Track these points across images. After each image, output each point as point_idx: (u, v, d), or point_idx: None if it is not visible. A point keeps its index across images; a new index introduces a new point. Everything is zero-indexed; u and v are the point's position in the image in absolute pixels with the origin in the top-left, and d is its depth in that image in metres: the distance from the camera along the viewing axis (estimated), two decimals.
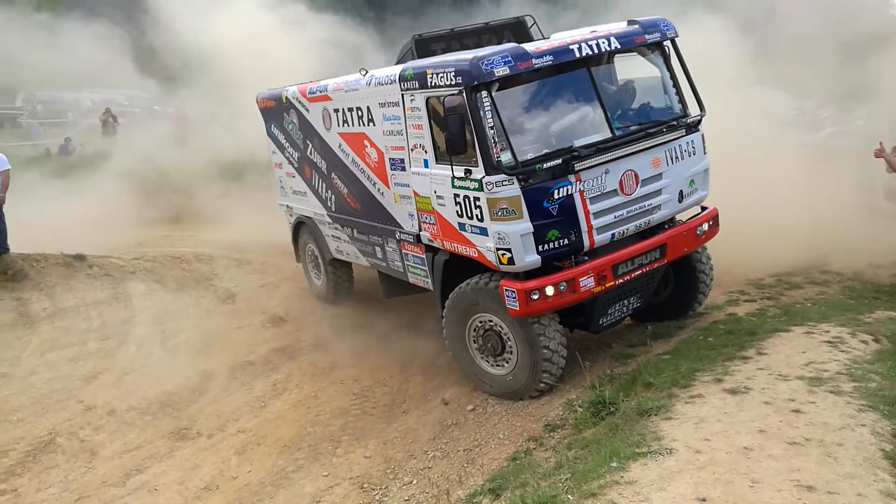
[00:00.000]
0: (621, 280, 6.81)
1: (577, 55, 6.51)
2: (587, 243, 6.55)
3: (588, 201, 6.47)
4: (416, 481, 6.24)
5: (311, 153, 9.55)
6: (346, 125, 8.49)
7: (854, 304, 8.34)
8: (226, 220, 15.90)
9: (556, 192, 6.33)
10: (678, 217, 7.47)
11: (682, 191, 7.15)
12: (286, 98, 9.76)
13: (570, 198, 6.38)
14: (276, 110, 10.20)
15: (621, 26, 7.04)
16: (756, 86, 12.60)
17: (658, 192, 6.96)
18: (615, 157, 6.57)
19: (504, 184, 6.23)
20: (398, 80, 7.14)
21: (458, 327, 7.30)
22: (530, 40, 8.04)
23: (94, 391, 8.39)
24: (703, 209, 7.60)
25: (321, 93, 8.88)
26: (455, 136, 6.32)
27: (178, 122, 23.16)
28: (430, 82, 6.67)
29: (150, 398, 8.18)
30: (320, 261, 10.52)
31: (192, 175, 18.11)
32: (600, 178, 6.52)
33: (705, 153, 7.35)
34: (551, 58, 6.38)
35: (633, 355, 7.19)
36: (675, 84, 7.19)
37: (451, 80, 6.39)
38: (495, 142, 6.21)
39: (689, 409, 5.36)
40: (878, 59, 11.65)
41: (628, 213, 6.76)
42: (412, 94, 7.01)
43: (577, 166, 6.36)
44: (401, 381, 8.16)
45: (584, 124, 6.72)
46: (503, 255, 6.42)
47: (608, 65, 7.17)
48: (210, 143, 18.45)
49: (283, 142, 10.28)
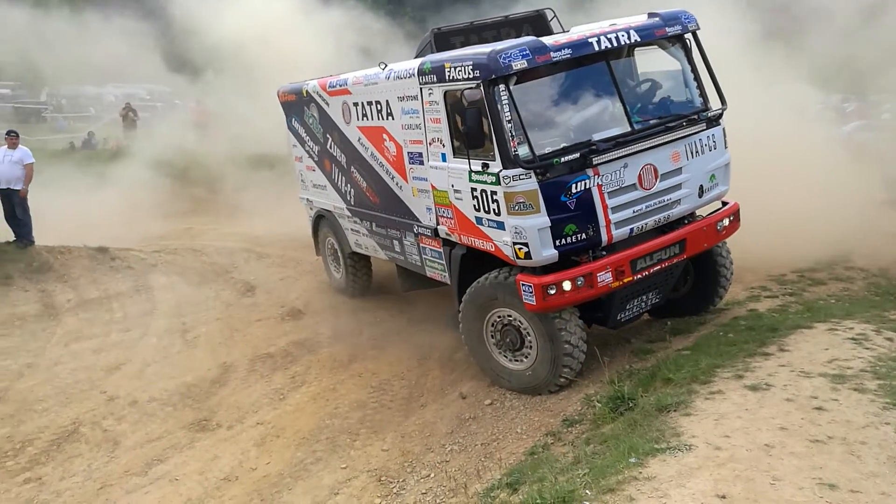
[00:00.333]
0: (640, 275, 6.75)
1: (596, 48, 6.45)
2: (605, 238, 6.50)
3: (606, 196, 6.42)
4: (433, 475, 6.25)
5: (330, 147, 9.58)
6: (365, 119, 8.50)
7: (879, 300, 8.23)
8: (246, 213, 16.06)
9: (573, 186, 6.28)
10: (698, 212, 7.39)
11: (702, 185, 7.07)
12: (306, 92, 9.78)
13: (587, 192, 6.34)
14: (296, 104, 10.23)
15: (641, 19, 6.96)
16: (781, 79, 12.46)
17: (678, 187, 6.89)
18: (634, 151, 6.51)
19: (521, 178, 6.20)
20: (417, 74, 7.13)
21: (476, 322, 7.28)
22: (550, 33, 7.99)
23: (117, 382, 8.51)
24: (724, 204, 7.51)
25: (341, 87, 8.89)
26: (473, 130, 6.30)
27: (198, 115, 23.36)
28: (449, 76, 6.65)
29: (170, 389, 8.28)
30: (340, 254, 10.56)
31: (213, 168, 18.28)
32: (619, 172, 6.46)
33: (726, 147, 7.26)
34: (570, 51, 6.33)
35: (652, 351, 7.14)
36: (696, 77, 7.11)
37: (469, 73, 6.37)
38: (513, 135, 6.18)
39: (709, 405, 5.32)
40: None
41: (647, 207, 6.70)
42: (430, 88, 6.99)
43: (596, 160, 6.31)
44: (419, 374, 8.17)
45: (603, 118, 6.67)
46: (520, 249, 6.38)
47: (628, 58, 7.10)
48: (230, 137, 18.61)
49: (304, 135, 10.31)
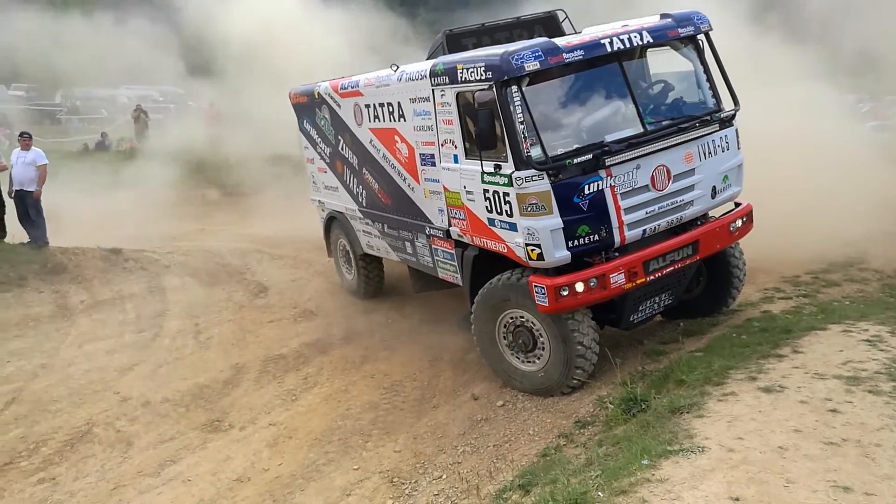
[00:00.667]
0: (652, 277, 6.73)
1: (609, 50, 6.44)
2: (618, 239, 6.48)
3: (619, 197, 6.40)
4: (445, 476, 6.24)
5: (342, 148, 9.59)
6: (377, 120, 8.51)
7: (894, 302, 8.17)
8: (258, 214, 16.13)
9: (586, 187, 6.27)
10: (711, 213, 7.36)
11: (715, 187, 7.04)
12: (318, 94, 9.80)
13: (600, 193, 6.32)
14: (308, 106, 10.26)
15: (654, 20, 6.94)
16: (794, 78, 12.39)
17: (690, 188, 6.86)
18: (647, 152, 6.49)
19: (534, 179, 6.19)
20: (429, 76, 7.14)
21: (488, 323, 7.28)
22: (562, 35, 7.99)
23: (130, 383, 8.54)
24: (737, 205, 7.48)
25: (353, 88, 8.91)
26: (485, 131, 6.30)
27: (211, 117, 23.49)
28: (461, 77, 6.66)
29: (183, 390, 8.30)
30: (351, 256, 10.58)
31: (225, 170, 18.37)
32: (631, 173, 6.44)
33: (739, 148, 7.23)
34: (582, 52, 6.32)
35: (665, 352, 7.12)
36: (709, 78, 7.08)
37: (482, 74, 6.37)
38: (525, 137, 6.17)
39: (723, 407, 5.30)
40: None
41: (660, 208, 6.67)
42: (442, 90, 7.00)
43: (608, 161, 6.29)
44: (431, 375, 8.17)
45: (616, 119, 6.66)
46: (532, 250, 6.38)
47: (640, 59, 7.08)
48: (243, 138, 18.69)
49: (315, 137, 10.34)
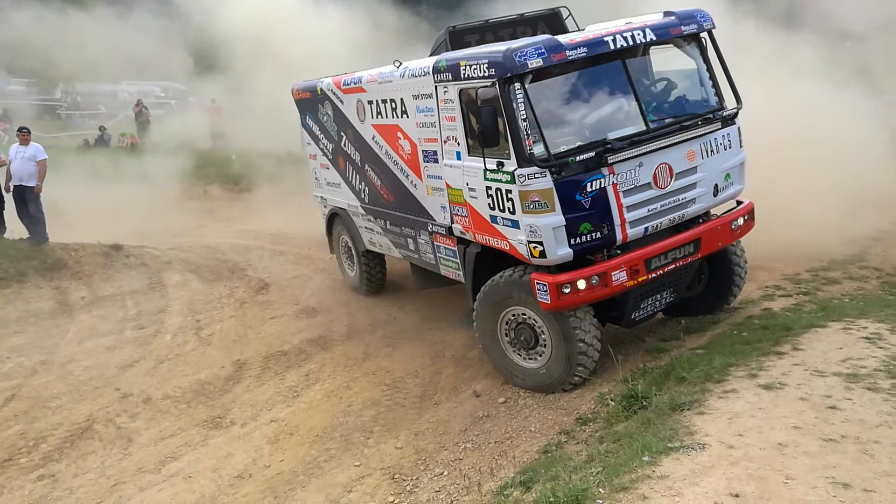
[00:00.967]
0: (654, 274, 6.74)
1: (612, 47, 6.44)
2: (620, 237, 6.49)
3: (621, 194, 6.41)
4: (447, 473, 6.25)
5: (345, 145, 9.60)
6: (379, 117, 8.52)
7: (893, 299, 8.17)
8: (260, 210, 16.12)
9: (588, 184, 6.27)
10: (713, 211, 7.38)
11: (717, 185, 7.05)
12: (321, 90, 9.80)
13: (603, 191, 6.33)
14: (310, 102, 10.26)
15: (657, 18, 6.95)
16: (801, 75, 12.38)
17: (693, 186, 6.87)
18: (649, 150, 6.50)
19: (536, 176, 6.20)
20: (432, 72, 7.14)
21: (490, 320, 7.29)
22: (565, 32, 7.99)
23: (131, 379, 8.55)
24: (739, 203, 7.49)
25: (355, 84, 8.91)
26: (488, 128, 6.30)
27: (213, 114, 23.49)
28: (464, 74, 6.66)
29: (184, 387, 8.31)
30: (354, 252, 10.58)
31: (227, 166, 18.37)
32: (634, 171, 6.45)
33: (741, 146, 7.24)
34: (585, 50, 6.33)
35: (666, 349, 7.13)
36: (712, 76, 7.09)
37: (485, 71, 6.37)
38: (528, 134, 6.18)
39: (723, 403, 5.31)
40: None
41: (662, 206, 6.69)
42: (445, 86, 7.00)
43: (611, 159, 6.30)
44: (432, 372, 8.18)
45: (619, 117, 6.67)
46: (535, 248, 6.38)
47: (643, 57, 7.09)
48: (245, 134, 18.69)
49: (318, 133, 10.34)
